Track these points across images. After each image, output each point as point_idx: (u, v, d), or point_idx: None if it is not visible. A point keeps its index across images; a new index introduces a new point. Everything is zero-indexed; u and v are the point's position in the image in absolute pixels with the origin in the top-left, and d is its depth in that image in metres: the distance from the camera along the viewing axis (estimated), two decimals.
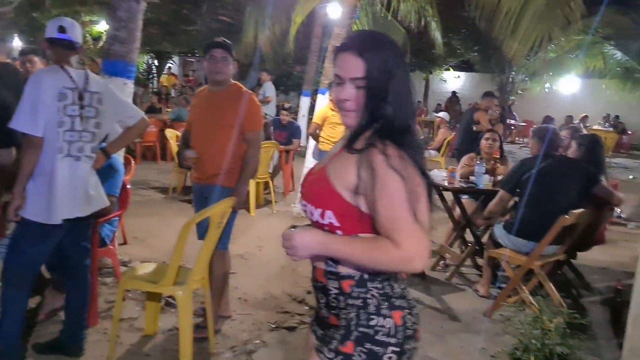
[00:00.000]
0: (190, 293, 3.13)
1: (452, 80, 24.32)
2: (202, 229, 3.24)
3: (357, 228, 1.49)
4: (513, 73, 17.55)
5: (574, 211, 3.79)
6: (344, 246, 1.46)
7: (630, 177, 12.61)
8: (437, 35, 9.50)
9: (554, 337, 2.66)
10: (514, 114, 18.87)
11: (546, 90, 19.69)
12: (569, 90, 20.35)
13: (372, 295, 1.51)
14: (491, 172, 4.93)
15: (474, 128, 6.60)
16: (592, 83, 20.06)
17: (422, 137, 11.92)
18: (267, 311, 3.97)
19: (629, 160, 16.55)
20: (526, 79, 18.07)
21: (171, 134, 7.98)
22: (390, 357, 1.49)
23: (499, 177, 4.85)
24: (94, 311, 3.53)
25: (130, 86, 4.48)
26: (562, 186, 3.91)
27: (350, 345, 1.50)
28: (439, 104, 20.98)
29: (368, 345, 1.49)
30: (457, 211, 4.98)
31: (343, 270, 1.52)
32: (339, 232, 1.51)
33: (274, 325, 3.74)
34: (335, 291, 1.54)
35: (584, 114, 16.89)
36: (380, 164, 1.42)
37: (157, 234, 5.56)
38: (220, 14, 13.49)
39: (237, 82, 3.57)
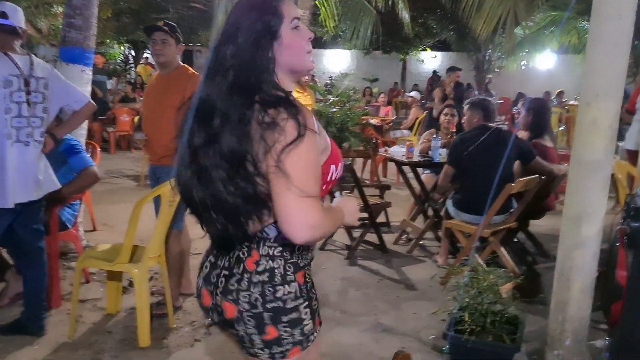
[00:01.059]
0: (146, 270, 3.23)
1: (430, 61, 24.37)
2: (158, 208, 3.32)
3: None
4: (489, 51, 17.69)
5: (521, 179, 3.92)
6: None
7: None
8: (404, 15, 9.54)
9: (487, 296, 2.78)
10: (492, 91, 19.04)
11: (522, 67, 19.85)
12: (545, 66, 20.52)
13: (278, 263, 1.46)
14: (448, 145, 5.05)
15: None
16: (567, 59, 20.23)
17: (395, 117, 12.00)
18: None
19: None
20: (502, 56, 18.20)
21: None
22: (306, 312, 1.47)
23: None
24: (56, 293, 3.62)
25: (88, 73, 4.52)
26: (498, 159, 4.03)
27: (272, 330, 1.44)
28: (415, 84, 21.07)
29: (285, 318, 1.44)
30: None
31: None
32: None
33: None
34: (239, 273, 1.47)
35: (559, 90, 17.07)
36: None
37: (127, 220, 5.55)
38: (191, 0, 13.43)
39: (185, 65, 3.63)
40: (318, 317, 1.53)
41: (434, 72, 22.73)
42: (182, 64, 3.59)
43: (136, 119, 8.45)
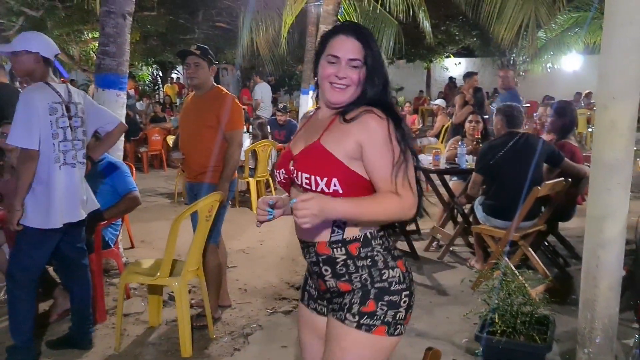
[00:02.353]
0: (186, 283, 3.37)
1: (454, 67, 24.35)
2: (195, 223, 3.48)
3: (358, 193, 1.66)
4: (514, 55, 17.61)
5: (547, 182, 3.98)
6: (356, 204, 1.61)
7: (635, 148, 12.63)
8: (426, 24, 9.65)
9: (517, 298, 2.85)
10: (519, 96, 18.86)
11: (548, 70, 19.68)
12: (571, 68, 20.30)
13: (377, 252, 1.69)
14: (474, 152, 5.12)
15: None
16: (593, 59, 19.95)
17: (421, 125, 12.05)
18: (266, 299, 4.21)
19: (636, 134, 16.49)
20: (527, 60, 18.10)
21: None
22: (404, 301, 1.71)
23: None
24: (101, 308, 3.80)
25: (122, 97, 4.74)
26: (527, 164, 4.09)
27: (372, 303, 1.68)
28: (440, 92, 21.07)
29: (387, 298, 1.68)
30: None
31: (349, 234, 1.68)
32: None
33: (270, 311, 3.98)
34: (343, 257, 1.69)
35: (587, 91, 16.87)
36: (374, 128, 1.64)
37: (163, 236, 5.71)
38: (216, 20, 13.77)
39: (219, 86, 3.81)
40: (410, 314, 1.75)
41: (450, 78, 22.62)
42: (215, 84, 3.76)
43: (168, 138, 8.73)
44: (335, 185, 1.64)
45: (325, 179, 1.65)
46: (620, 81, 2.51)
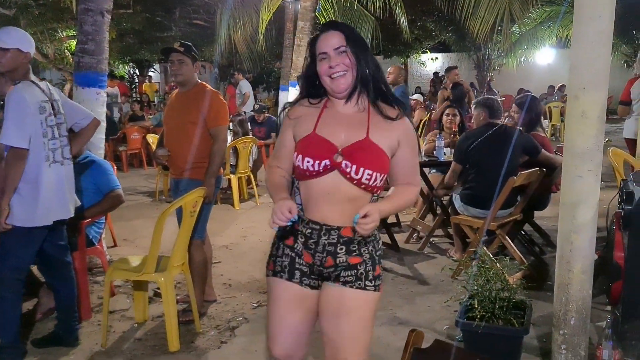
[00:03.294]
0: (172, 278, 3.41)
1: (431, 63, 24.55)
2: (180, 219, 3.52)
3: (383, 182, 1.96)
4: (488, 50, 17.86)
5: (522, 172, 4.10)
6: (391, 203, 1.97)
7: (606, 139, 12.93)
8: (402, 20, 9.76)
9: (495, 284, 2.95)
10: (494, 89, 19.14)
11: (522, 63, 19.98)
12: (545, 61, 20.63)
13: (377, 226, 1.92)
14: (452, 145, 5.23)
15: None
16: (566, 53, 20.29)
17: None
18: (250, 293, 4.26)
19: (606, 125, 16.78)
20: (502, 54, 18.36)
21: (153, 139, 8.21)
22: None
23: None
24: (86, 306, 3.82)
25: (103, 95, 4.74)
26: (504, 155, 4.20)
27: (378, 268, 2.02)
28: (418, 87, 21.23)
29: (380, 260, 2.06)
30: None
31: None
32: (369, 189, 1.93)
33: (255, 304, 4.03)
34: (360, 238, 1.95)
35: (560, 84, 17.16)
36: (410, 128, 1.98)
37: (146, 234, 5.79)
38: (193, 18, 13.71)
39: (203, 82, 3.84)
40: None
41: (435, 73, 22.85)
42: (200, 81, 3.79)
43: (148, 136, 8.70)
44: (377, 179, 1.91)
45: (383, 175, 1.93)
46: (590, 73, 2.61)
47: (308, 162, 1.90)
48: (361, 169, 1.86)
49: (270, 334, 2.12)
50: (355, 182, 1.87)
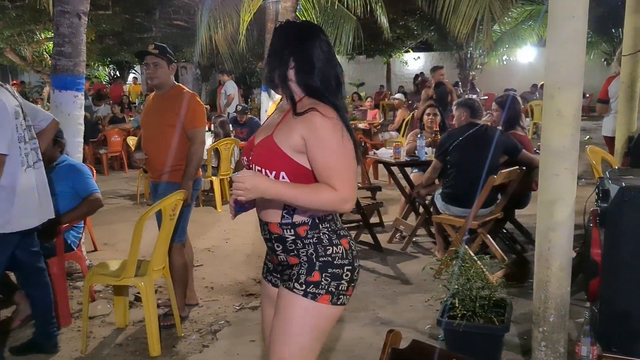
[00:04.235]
0: (152, 282, 3.38)
1: (413, 62, 24.67)
2: (160, 222, 3.49)
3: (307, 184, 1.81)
4: (471, 49, 17.97)
5: (502, 171, 4.13)
6: (291, 189, 1.76)
7: (587, 137, 13.07)
8: (383, 19, 9.78)
9: (476, 282, 2.97)
10: (477, 88, 19.28)
11: (504, 62, 20.15)
12: (526, 60, 20.82)
13: (324, 232, 1.86)
14: (433, 144, 5.25)
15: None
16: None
17: (382, 120, 12.19)
18: (233, 295, 4.24)
19: (587, 122, 17.01)
20: (484, 53, 18.49)
21: (133, 142, 8.13)
22: (346, 275, 1.88)
23: None
24: (65, 312, 3.76)
25: (80, 98, 4.68)
26: (484, 153, 4.23)
27: (317, 274, 1.84)
28: (401, 86, 21.31)
29: (330, 270, 1.85)
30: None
31: (298, 219, 1.85)
32: None
33: (238, 307, 4.01)
34: (292, 237, 1.86)
35: (542, 82, 17.31)
36: (320, 122, 1.75)
37: (127, 238, 5.65)
38: (173, 18, 13.62)
39: (180, 84, 3.81)
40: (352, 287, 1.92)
41: (421, 73, 22.90)
42: (176, 83, 3.76)
43: (128, 139, 8.62)
44: (283, 178, 1.80)
45: (274, 172, 1.81)
46: (565, 72, 2.64)
47: (244, 160, 1.98)
48: (254, 166, 1.86)
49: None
50: None
